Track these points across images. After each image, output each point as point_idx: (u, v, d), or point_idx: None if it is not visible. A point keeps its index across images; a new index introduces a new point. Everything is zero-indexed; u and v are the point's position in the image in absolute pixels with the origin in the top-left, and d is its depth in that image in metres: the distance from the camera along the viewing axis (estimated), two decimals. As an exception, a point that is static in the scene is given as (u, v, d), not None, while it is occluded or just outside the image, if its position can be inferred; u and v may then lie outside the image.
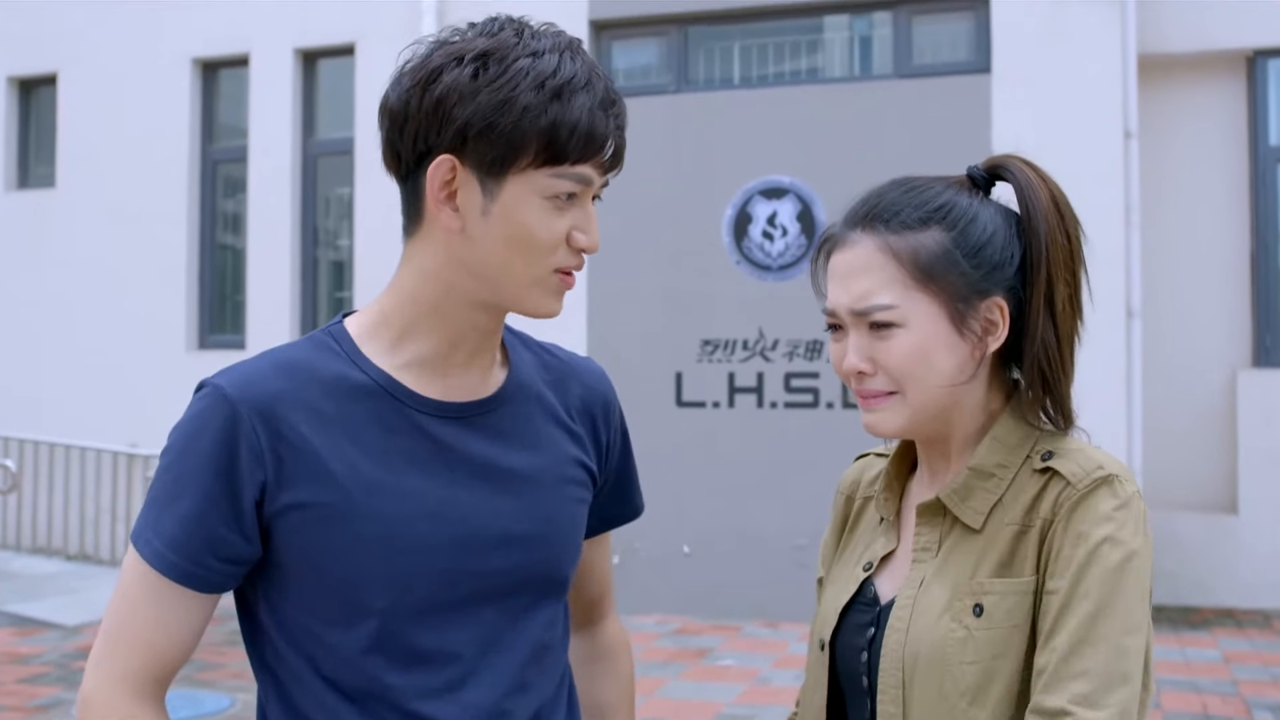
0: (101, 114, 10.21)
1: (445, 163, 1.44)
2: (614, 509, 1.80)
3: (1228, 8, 8.46)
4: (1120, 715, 1.40)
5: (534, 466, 1.60)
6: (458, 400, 1.55)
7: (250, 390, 1.45)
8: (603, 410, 1.74)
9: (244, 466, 1.43)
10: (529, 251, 1.46)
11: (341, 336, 1.55)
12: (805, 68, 8.88)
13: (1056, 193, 1.60)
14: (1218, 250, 8.75)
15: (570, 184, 1.45)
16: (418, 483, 1.50)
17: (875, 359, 1.55)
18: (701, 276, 8.52)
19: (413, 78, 1.45)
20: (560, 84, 1.42)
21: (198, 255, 10.07)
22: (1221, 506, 8.66)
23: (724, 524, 8.27)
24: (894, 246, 1.55)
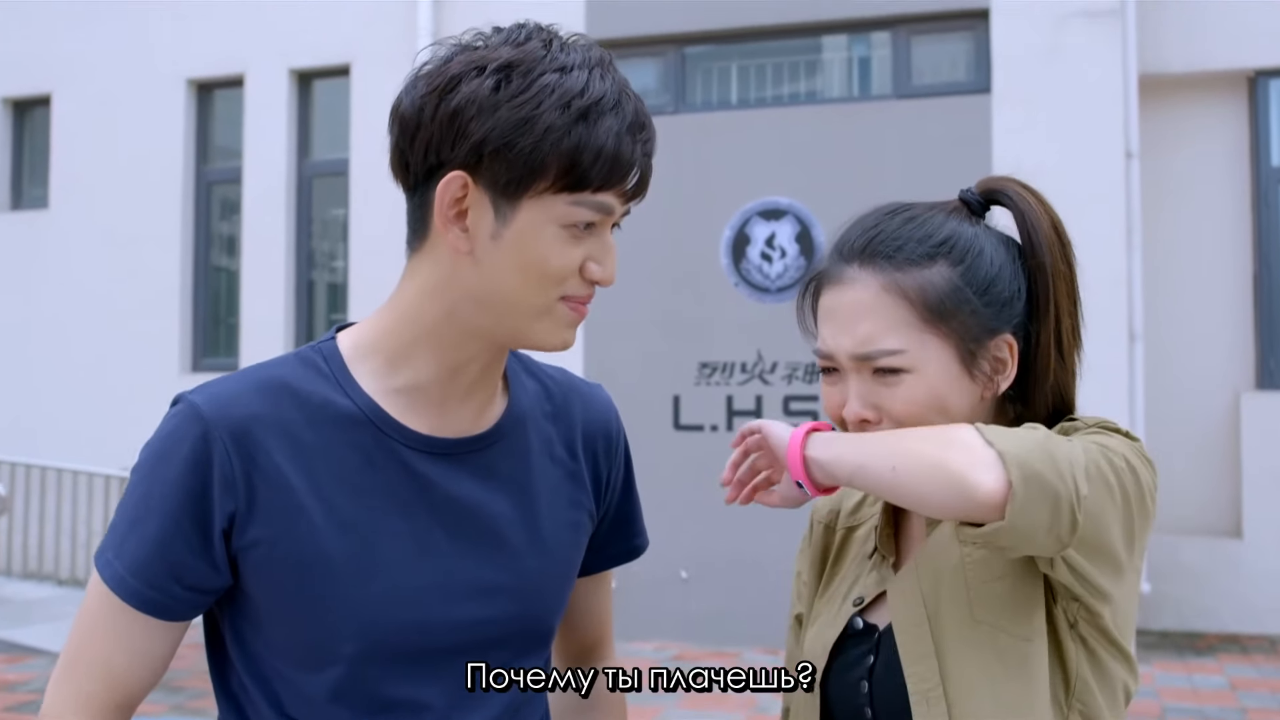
0: (95, 135, 10.14)
1: (457, 180, 1.33)
2: (614, 547, 1.69)
3: (1228, 28, 8.42)
4: (1015, 462, 1.28)
5: (525, 510, 1.50)
6: (449, 436, 1.45)
7: (226, 410, 1.35)
8: (605, 443, 1.63)
9: (215, 492, 1.34)
10: (539, 282, 1.36)
11: (332, 355, 1.44)
12: (804, 88, 8.82)
13: (1056, 219, 1.53)
14: (1220, 271, 8.68)
15: (590, 213, 1.35)
16: (396, 524, 1.40)
17: (881, 406, 1.46)
18: (699, 298, 8.45)
19: (429, 83, 1.35)
20: (588, 104, 1.31)
21: (191, 277, 10.00)
22: (1226, 530, 8.57)
23: (722, 549, 8.18)
24: (901, 285, 1.45)
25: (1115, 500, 1.34)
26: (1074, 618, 1.42)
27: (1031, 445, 1.30)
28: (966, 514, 1.31)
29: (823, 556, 1.71)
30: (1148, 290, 8.16)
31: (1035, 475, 1.27)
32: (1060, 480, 1.28)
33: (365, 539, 1.38)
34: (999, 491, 1.27)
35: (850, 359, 1.47)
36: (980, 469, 1.28)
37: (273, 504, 1.35)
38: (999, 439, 1.30)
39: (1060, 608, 1.42)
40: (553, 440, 1.56)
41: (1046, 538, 1.30)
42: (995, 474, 1.28)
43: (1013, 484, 1.27)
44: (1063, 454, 1.31)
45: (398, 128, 1.38)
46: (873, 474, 1.37)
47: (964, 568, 1.44)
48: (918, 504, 1.35)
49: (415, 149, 1.36)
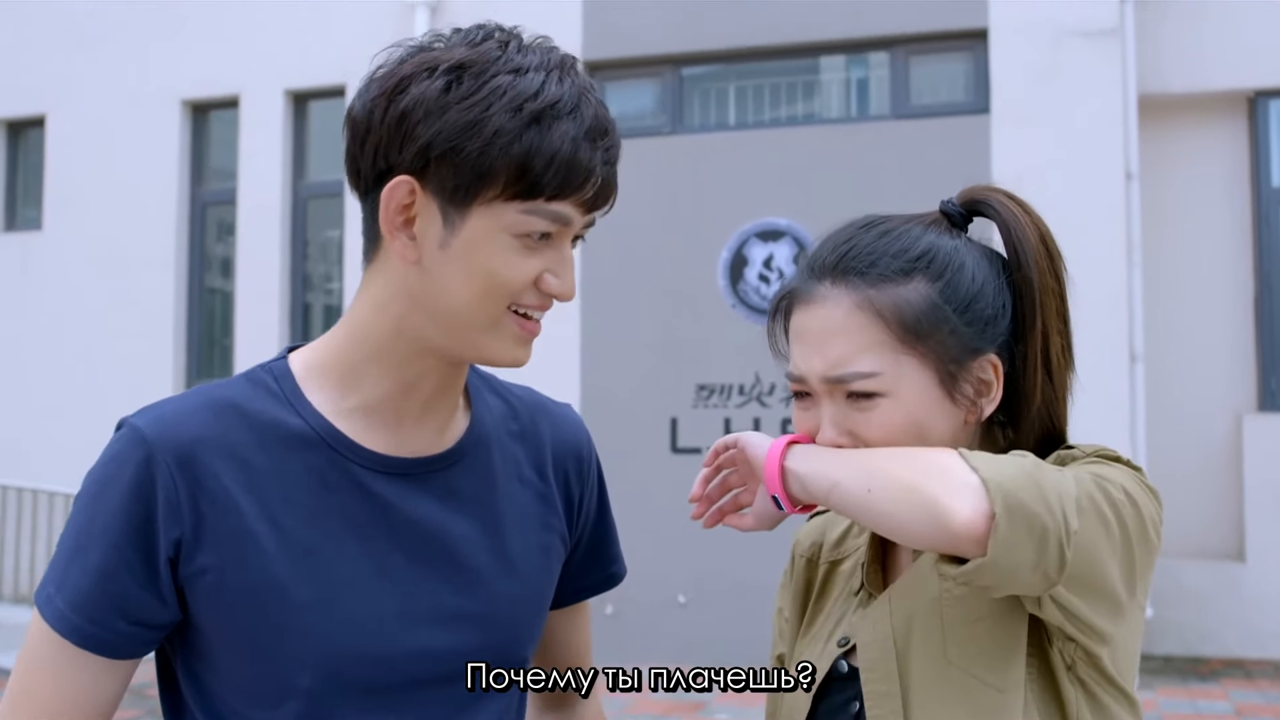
0: (90, 156, 10.10)
1: (403, 185, 1.27)
2: (589, 575, 1.61)
3: (1228, 48, 8.38)
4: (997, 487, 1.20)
5: (491, 533, 1.41)
6: (407, 455, 1.37)
7: (170, 432, 1.28)
8: (576, 464, 1.55)
9: (159, 519, 1.26)
10: (487, 293, 1.29)
11: (283, 375, 1.37)
12: (802, 109, 8.79)
13: (1044, 230, 1.43)
14: (1221, 293, 8.63)
15: (544, 222, 1.27)
16: (353, 549, 1.32)
17: (855, 432, 1.37)
18: (697, 320, 8.39)
19: (380, 86, 1.29)
20: (541, 107, 1.25)
21: (185, 298, 9.94)
22: (1228, 554, 8.49)
23: (720, 573, 8.10)
24: (875, 303, 1.36)
25: (1112, 535, 1.26)
26: (1071, 659, 1.33)
27: (1018, 473, 1.22)
28: (943, 545, 1.23)
29: (805, 592, 1.61)
30: (1148, 311, 8.11)
31: (1020, 506, 1.19)
32: (1048, 513, 1.20)
33: (320, 564, 1.30)
34: (978, 522, 1.19)
35: (822, 382, 1.38)
36: (958, 496, 1.20)
37: (221, 530, 1.27)
38: (983, 465, 1.23)
39: (1056, 649, 1.33)
40: (519, 460, 1.49)
41: (1032, 575, 1.21)
42: (975, 502, 1.20)
43: (995, 515, 1.19)
44: (1052, 484, 1.22)
45: (349, 132, 1.32)
46: (848, 494, 1.29)
47: (941, 604, 1.35)
48: (892, 531, 1.27)
49: (365, 154, 1.30)
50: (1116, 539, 1.26)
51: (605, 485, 1.62)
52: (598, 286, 8.44)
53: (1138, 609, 1.33)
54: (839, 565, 1.57)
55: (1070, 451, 1.39)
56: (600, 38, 8.61)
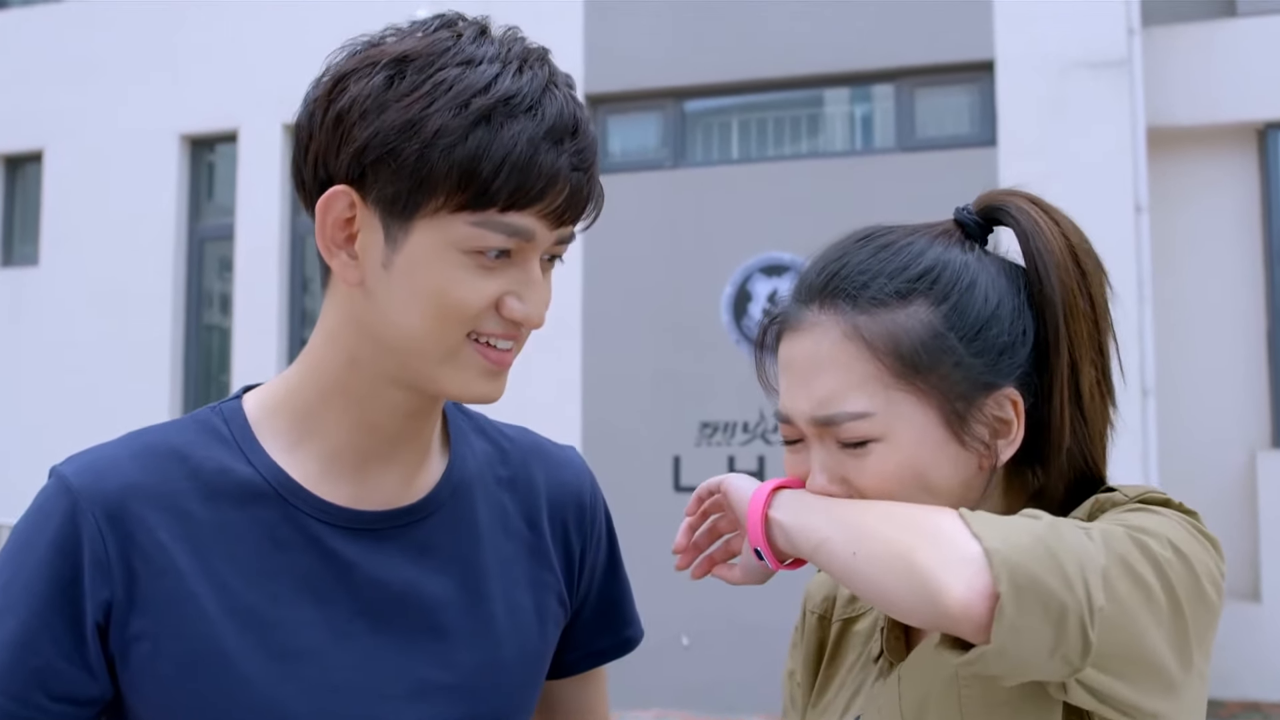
0: (87, 191, 10.01)
1: (341, 196, 1.12)
2: (601, 640, 1.43)
3: (1237, 79, 8.30)
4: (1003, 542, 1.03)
5: (471, 594, 1.25)
6: (372, 508, 1.21)
7: (99, 481, 1.13)
8: (576, 514, 1.38)
9: (86, 579, 1.10)
10: (437, 318, 1.12)
11: (234, 417, 1.21)
12: (805, 142, 8.70)
13: (1074, 239, 1.25)
14: (1233, 326, 8.50)
15: (499, 237, 1.10)
16: (309, 615, 1.16)
17: (849, 480, 1.19)
18: (700, 357, 8.26)
19: (320, 86, 1.14)
20: (491, 103, 1.08)
21: (182, 334, 9.83)
22: (1244, 594, 8.32)
23: (724, 614, 7.94)
24: (865, 332, 1.18)
25: (1155, 602, 1.06)
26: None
27: (1029, 541, 1.03)
28: (937, 625, 1.05)
29: (817, 654, 1.42)
30: (1159, 346, 7.98)
31: (1032, 582, 1.01)
32: (1066, 588, 1.01)
33: (270, 632, 1.15)
34: (975, 603, 1.01)
35: (809, 423, 1.20)
36: (953, 570, 1.02)
37: (156, 591, 1.12)
38: (987, 532, 1.04)
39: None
40: (507, 510, 1.32)
41: (1050, 661, 1.03)
42: (973, 579, 1.02)
43: (1000, 595, 1.01)
44: (1071, 552, 1.03)
45: (294, 141, 1.18)
46: (834, 555, 1.12)
47: (959, 684, 1.16)
48: (881, 604, 1.10)
49: (308, 162, 1.15)
50: (1162, 606, 1.06)
51: (616, 539, 1.45)
52: (599, 322, 8.33)
53: (1197, 679, 1.12)
54: (854, 624, 1.39)
55: (1110, 496, 1.19)
56: (602, 71, 8.53)
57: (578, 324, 8.38)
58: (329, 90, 1.13)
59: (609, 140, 8.77)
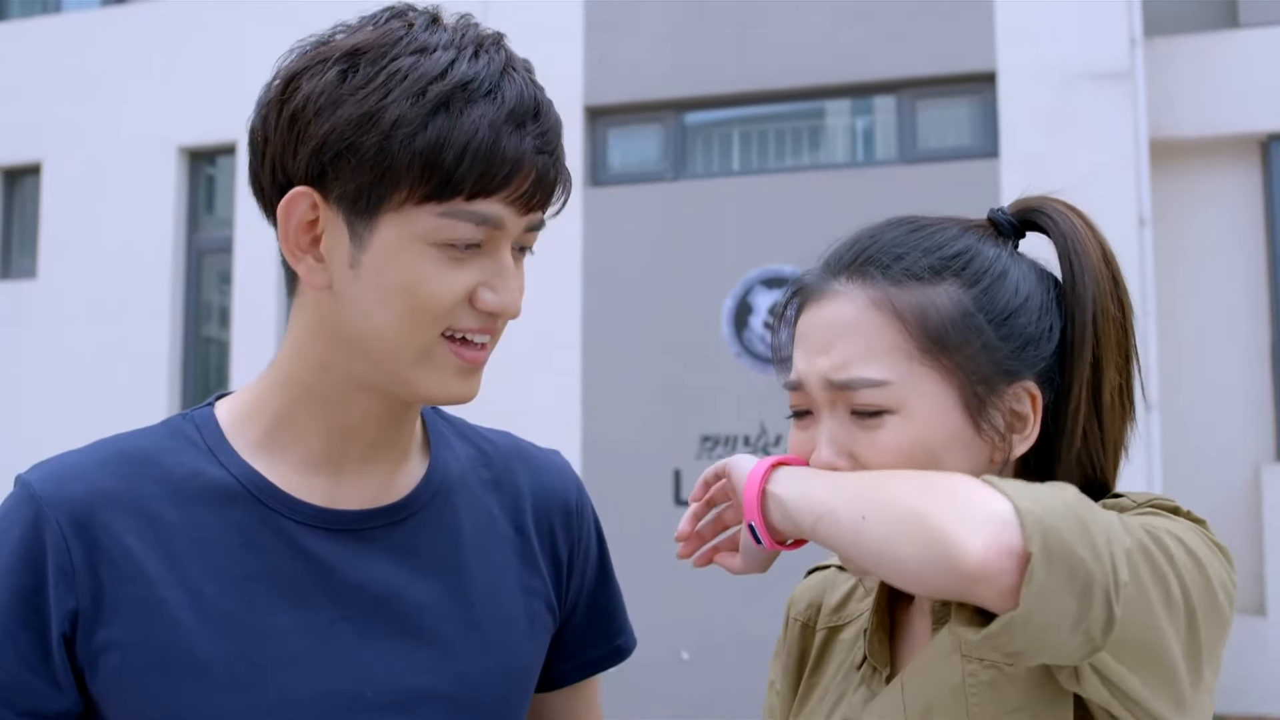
0: (85, 203, 10.00)
1: (301, 198, 1.09)
2: (593, 649, 1.39)
3: (1240, 91, 8.28)
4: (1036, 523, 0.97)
5: (458, 598, 1.20)
6: (351, 507, 1.17)
7: (63, 488, 1.10)
8: (563, 518, 1.34)
9: (50, 588, 1.07)
10: (409, 315, 1.09)
11: (206, 423, 1.18)
12: (807, 154, 8.67)
13: (1108, 250, 1.23)
14: (1237, 339, 8.47)
15: (468, 227, 1.07)
16: (287, 620, 1.12)
17: (856, 454, 1.15)
18: (700, 369, 8.23)
19: (271, 88, 1.12)
20: (449, 89, 1.05)
21: (181, 347, 9.81)
22: (1249, 608, 8.27)
23: (725, 629, 7.90)
24: (895, 301, 1.16)
25: (1172, 600, 1.01)
26: None
27: (1060, 506, 0.98)
28: (952, 589, 0.98)
29: (799, 663, 1.38)
30: (1163, 359, 7.94)
31: (1063, 546, 0.95)
32: (1095, 558, 0.96)
33: (247, 638, 1.11)
34: (999, 562, 0.95)
35: (823, 388, 1.16)
36: (977, 527, 0.96)
37: (125, 599, 1.08)
38: (1017, 492, 0.99)
39: None
40: (492, 513, 1.28)
41: (1072, 635, 0.97)
42: (1000, 537, 0.95)
43: (1032, 556, 0.94)
44: (1099, 524, 0.99)
45: (250, 147, 1.14)
46: (840, 523, 1.06)
47: (965, 692, 1.12)
48: (890, 568, 1.03)
49: (265, 167, 1.12)
50: (1178, 604, 1.02)
51: (605, 544, 1.41)
52: (599, 335, 8.30)
53: (1205, 693, 1.07)
54: (839, 632, 1.35)
55: (1118, 501, 1.15)
56: (603, 83, 8.51)
57: (578, 336, 8.35)
58: (281, 91, 1.10)
59: (609, 153, 8.75)
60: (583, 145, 8.53)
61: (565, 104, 8.44)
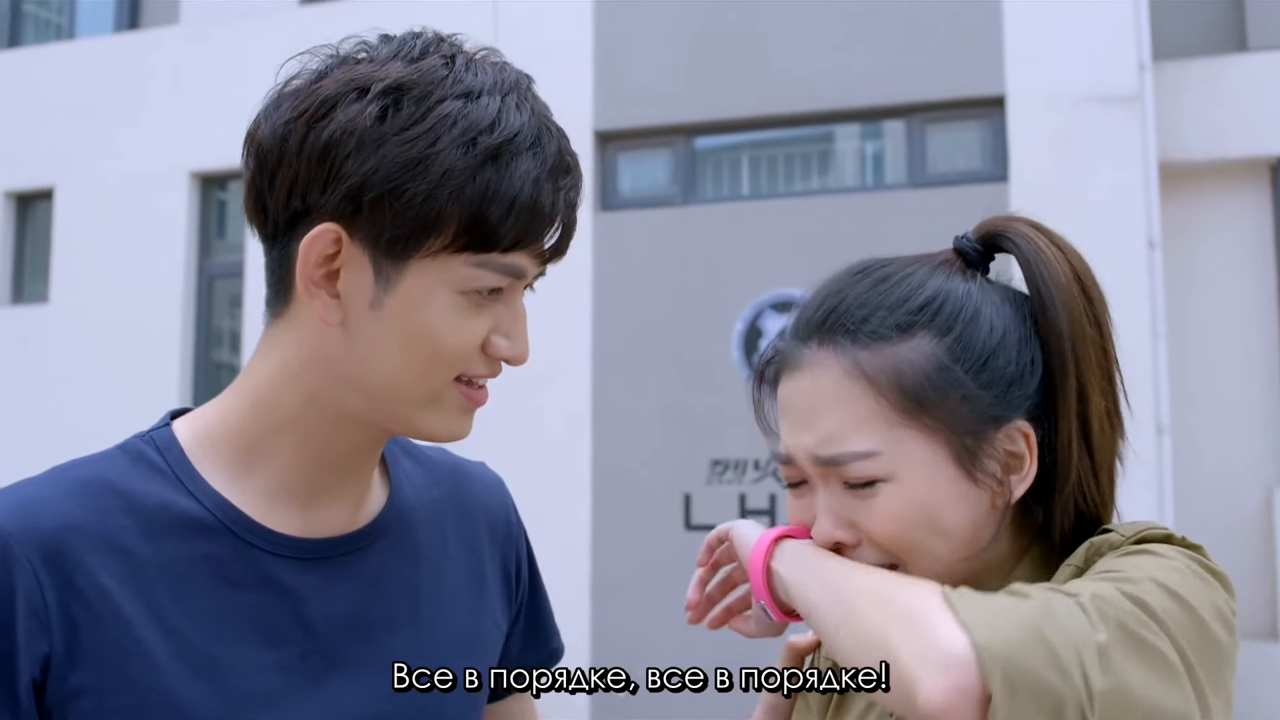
0: (97, 228, 10.02)
1: (327, 234, 1.05)
2: (531, 655, 1.39)
3: (1249, 114, 8.27)
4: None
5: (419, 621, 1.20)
6: (320, 535, 1.15)
7: (31, 521, 1.04)
8: (505, 529, 1.34)
9: (20, 631, 1.01)
10: (428, 362, 1.08)
11: (168, 447, 1.14)
12: (816, 178, 8.67)
13: (1079, 267, 1.19)
14: (1247, 362, 8.44)
15: (496, 277, 1.07)
16: (263, 657, 1.10)
17: (857, 524, 1.13)
18: (710, 394, 8.20)
19: (295, 105, 1.07)
20: (499, 141, 1.04)
21: (191, 372, 9.82)
22: (1261, 633, 8.22)
23: (739, 657, 7.84)
24: (867, 368, 1.13)
25: (1166, 664, 0.98)
26: None
27: (1020, 630, 0.95)
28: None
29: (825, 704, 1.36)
30: (1174, 382, 7.92)
31: (1025, 676, 0.93)
32: (1062, 678, 0.93)
33: (225, 677, 1.08)
34: (960, 705, 0.93)
35: (811, 463, 1.15)
36: (933, 668, 0.94)
37: (101, 641, 1.04)
38: (975, 619, 0.96)
39: None
40: (446, 534, 1.28)
41: None
42: (959, 678, 0.93)
43: (994, 696, 0.92)
44: (1065, 633, 0.95)
45: (254, 161, 1.10)
46: (822, 625, 1.06)
47: None
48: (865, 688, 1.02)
49: (276, 189, 1.08)
50: (1175, 668, 0.99)
51: (532, 549, 1.40)
52: (609, 359, 8.29)
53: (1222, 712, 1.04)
54: None
55: (1105, 538, 1.12)
56: (612, 108, 8.52)
57: (588, 361, 8.34)
58: (310, 114, 1.06)
59: (619, 177, 8.75)
60: (592, 170, 8.53)
61: (575, 128, 8.37)
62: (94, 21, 10.95)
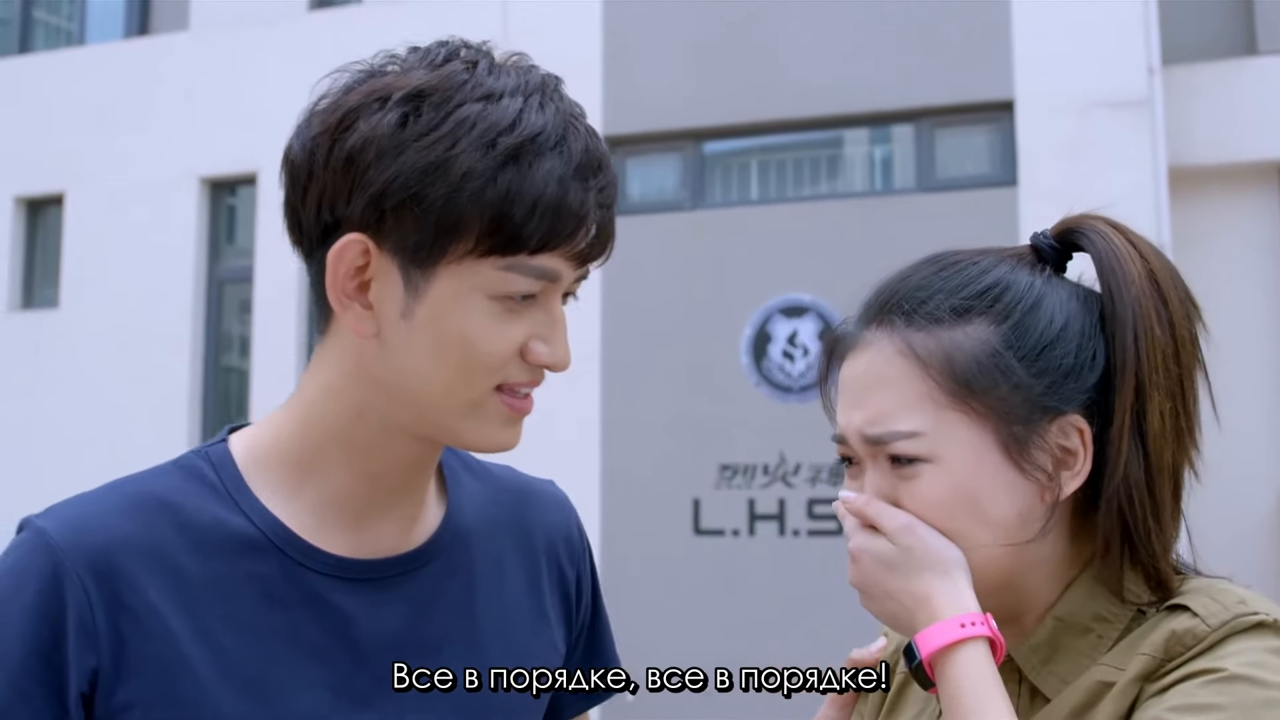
0: (107, 234, 10.05)
1: (354, 244, 1.05)
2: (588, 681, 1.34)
3: (1258, 118, 8.24)
4: None
5: (474, 644, 1.19)
6: (371, 556, 1.14)
7: (83, 537, 1.05)
8: (568, 551, 1.33)
9: (70, 646, 1.02)
10: (464, 369, 1.07)
11: (223, 464, 1.15)
12: (825, 183, 8.67)
13: (1157, 266, 1.18)
14: (1257, 365, 8.41)
15: (528, 281, 1.06)
16: (310, 675, 1.10)
17: (900, 504, 1.13)
18: (719, 398, 8.20)
19: (322, 121, 1.08)
20: (519, 141, 1.03)
21: (201, 376, 9.83)
22: (1272, 638, 8.20)
23: (744, 659, 7.82)
24: (919, 349, 1.13)
25: None
26: None
27: None
28: None
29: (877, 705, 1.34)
30: (1184, 387, 7.90)
31: None
32: None
33: (271, 698, 1.08)
34: None
35: (861, 441, 1.15)
36: None
37: (148, 657, 1.05)
38: None
39: None
40: (504, 555, 1.27)
41: None
42: None
43: None
44: None
45: (287, 178, 1.10)
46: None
47: None
48: None
49: (308, 204, 1.08)
50: None
51: (597, 572, 1.40)
52: (618, 365, 8.28)
53: None
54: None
55: (1188, 627, 1.08)
56: (621, 113, 8.52)
57: (596, 366, 8.34)
58: (334, 126, 1.06)
59: (628, 182, 8.75)
60: (601, 175, 8.54)
61: (584, 134, 8.41)
62: (104, 28, 10.97)
